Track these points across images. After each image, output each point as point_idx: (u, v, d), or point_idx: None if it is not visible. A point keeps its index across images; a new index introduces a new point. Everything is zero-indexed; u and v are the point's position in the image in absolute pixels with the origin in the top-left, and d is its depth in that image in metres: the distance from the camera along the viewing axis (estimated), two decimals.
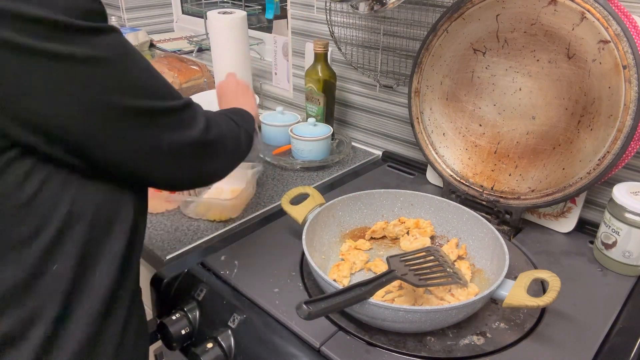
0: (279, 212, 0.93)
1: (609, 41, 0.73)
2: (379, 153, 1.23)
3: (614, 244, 0.78)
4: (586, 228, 0.90)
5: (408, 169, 1.13)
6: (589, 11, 0.74)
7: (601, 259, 0.81)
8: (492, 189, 0.92)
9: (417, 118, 0.98)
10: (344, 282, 0.76)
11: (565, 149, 0.84)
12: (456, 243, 0.82)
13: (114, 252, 0.53)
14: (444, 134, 0.97)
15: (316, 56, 1.15)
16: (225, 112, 0.71)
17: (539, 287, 0.75)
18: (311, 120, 1.15)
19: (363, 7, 0.93)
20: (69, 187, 0.49)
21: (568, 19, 0.77)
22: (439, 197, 0.85)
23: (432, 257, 0.71)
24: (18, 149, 0.45)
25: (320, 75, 1.14)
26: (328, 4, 1.17)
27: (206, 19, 1.69)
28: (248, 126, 0.72)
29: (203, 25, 1.79)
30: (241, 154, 0.69)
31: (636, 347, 0.65)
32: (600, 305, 0.72)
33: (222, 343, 0.68)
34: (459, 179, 0.96)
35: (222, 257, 0.81)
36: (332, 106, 1.20)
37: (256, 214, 0.96)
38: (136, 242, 0.58)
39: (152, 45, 1.81)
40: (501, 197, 0.90)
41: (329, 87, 1.16)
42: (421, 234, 0.84)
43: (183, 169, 0.57)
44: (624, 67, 0.73)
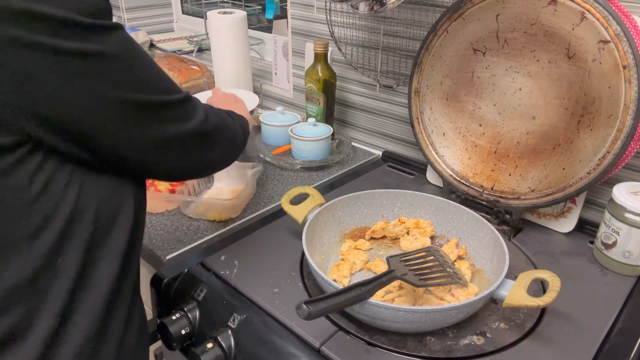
0: (279, 212, 0.93)
1: (609, 41, 0.73)
2: (379, 153, 1.23)
3: (614, 244, 0.78)
4: (586, 228, 0.90)
5: (408, 169, 1.13)
6: (589, 11, 0.74)
7: (601, 259, 0.81)
8: (492, 189, 0.92)
9: (417, 118, 0.98)
10: (344, 282, 0.76)
11: (565, 149, 0.84)
12: (456, 243, 0.82)
13: (116, 248, 0.55)
14: (444, 134, 0.97)
15: (316, 56, 1.15)
16: (220, 109, 0.73)
17: (539, 287, 0.75)
18: (311, 120, 1.15)
19: (363, 7, 0.93)
20: (74, 183, 0.50)
21: (568, 19, 0.77)
22: (439, 197, 0.85)
23: (432, 257, 0.71)
24: (30, 144, 0.46)
25: (320, 75, 1.14)
26: (328, 4, 1.17)
27: (206, 19, 1.69)
28: (242, 122, 0.74)
29: (203, 25, 1.79)
30: (237, 145, 0.71)
31: (636, 347, 0.65)
32: (600, 305, 0.72)
33: (222, 343, 0.68)
34: (459, 179, 0.96)
35: (222, 257, 0.81)
36: (332, 106, 1.20)
37: (256, 214, 0.96)
38: (137, 238, 0.59)
39: (152, 45, 1.81)
40: (501, 197, 0.90)
41: (329, 87, 1.16)
42: (421, 234, 0.84)
43: (183, 159, 0.60)
44: (624, 67, 0.73)
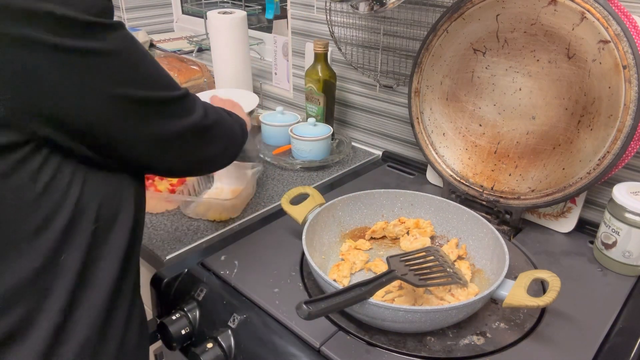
0: (279, 212, 0.93)
1: (609, 41, 0.73)
2: (379, 153, 1.23)
3: (614, 244, 0.78)
4: (586, 228, 0.90)
5: (408, 169, 1.13)
6: (589, 11, 0.74)
7: (601, 259, 0.81)
8: (492, 189, 0.92)
9: (417, 118, 0.98)
10: (344, 282, 0.76)
11: (565, 149, 0.84)
12: (456, 243, 0.82)
13: (117, 246, 0.56)
14: (444, 134, 0.97)
15: (316, 56, 1.15)
16: (218, 107, 0.74)
17: (539, 287, 0.75)
18: (311, 120, 1.15)
19: (363, 7, 0.93)
20: (76, 182, 0.51)
21: (568, 19, 0.77)
22: (439, 197, 0.85)
23: (432, 257, 0.71)
24: (33, 143, 0.46)
25: (320, 75, 1.14)
26: (328, 4, 1.17)
27: (206, 19, 1.69)
28: (241, 121, 0.75)
29: (203, 25, 1.79)
30: (236, 142, 0.71)
31: (636, 347, 0.65)
32: (600, 305, 0.72)
33: (222, 343, 0.68)
34: (459, 179, 0.96)
35: (222, 257, 0.81)
36: (332, 106, 1.20)
37: (256, 214, 0.96)
38: (137, 238, 0.60)
39: (152, 45, 1.81)
40: (501, 197, 0.90)
41: (329, 87, 1.16)
42: (421, 234, 0.84)
43: (184, 154, 0.60)
44: (624, 67, 0.73)
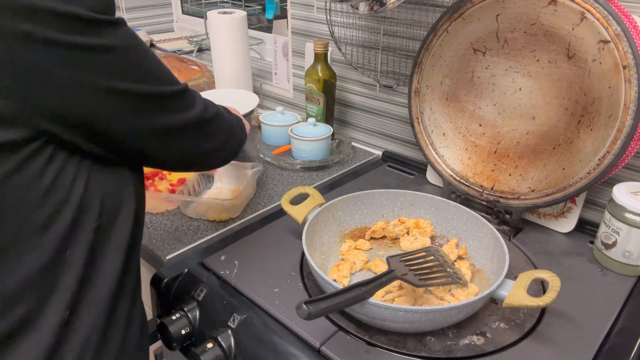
0: (279, 212, 0.93)
1: (609, 41, 0.73)
2: (379, 153, 1.23)
3: (614, 244, 0.78)
4: (586, 228, 0.90)
5: (408, 169, 1.13)
6: (589, 11, 0.74)
7: (601, 259, 0.81)
8: (492, 189, 0.92)
9: (417, 118, 0.98)
10: (344, 282, 0.76)
11: (565, 149, 0.84)
12: (456, 243, 0.82)
13: (120, 241, 0.56)
14: (444, 134, 0.97)
15: (316, 56, 1.15)
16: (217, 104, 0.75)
17: (539, 287, 0.75)
18: (311, 120, 1.15)
19: (363, 7, 0.93)
20: (80, 177, 0.51)
21: (568, 19, 0.77)
22: (439, 197, 0.85)
23: (432, 257, 0.71)
24: (41, 139, 0.47)
25: (320, 75, 1.14)
26: (328, 4, 1.17)
27: (206, 19, 1.69)
28: (239, 119, 0.75)
29: (203, 25, 1.79)
30: (236, 138, 0.72)
31: (636, 347, 0.65)
32: (600, 305, 0.72)
33: (222, 343, 0.68)
34: (459, 179, 0.96)
35: (222, 257, 0.81)
36: (332, 106, 1.20)
37: (256, 214, 0.96)
38: (138, 233, 0.61)
39: (152, 45, 1.81)
40: (501, 197, 0.90)
41: (329, 87, 1.16)
42: (421, 234, 0.84)
43: (185, 147, 0.61)
44: (624, 67, 0.73)
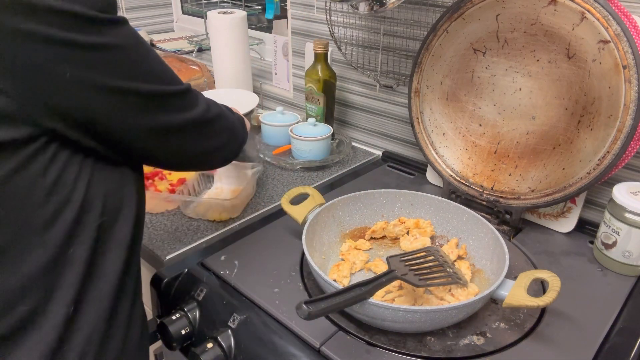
0: (279, 212, 0.93)
1: (609, 41, 0.73)
2: (379, 153, 1.23)
3: (614, 244, 0.78)
4: (586, 228, 0.90)
5: (408, 169, 1.13)
6: (589, 11, 0.74)
7: (601, 259, 0.81)
8: (492, 189, 0.92)
9: (417, 118, 0.98)
10: (344, 282, 0.76)
11: (565, 149, 0.84)
12: (456, 243, 0.82)
13: (121, 240, 0.57)
14: (444, 134, 0.97)
15: (316, 56, 1.14)
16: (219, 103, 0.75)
17: (539, 287, 0.75)
18: (311, 120, 1.15)
19: (363, 7, 0.93)
20: (83, 175, 0.52)
21: (568, 19, 0.77)
22: (439, 197, 0.85)
23: (432, 257, 0.71)
24: (45, 137, 0.47)
25: (320, 75, 1.14)
26: (328, 4, 1.17)
27: (206, 19, 1.69)
28: (241, 119, 0.75)
29: (203, 25, 1.79)
30: (237, 137, 0.72)
31: (636, 347, 0.65)
32: (600, 305, 0.72)
33: (222, 343, 0.68)
34: (459, 179, 0.96)
35: (222, 257, 0.81)
36: (332, 106, 1.20)
37: (256, 214, 0.96)
38: (138, 232, 0.61)
39: (152, 45, 1.81)
40: (501, 197, 0.90)
41: (329, 87, 1.16)
42: (421, 234, 0.84)
43: (186, 146, 0.61)
44: (624, 67, 0.73)
